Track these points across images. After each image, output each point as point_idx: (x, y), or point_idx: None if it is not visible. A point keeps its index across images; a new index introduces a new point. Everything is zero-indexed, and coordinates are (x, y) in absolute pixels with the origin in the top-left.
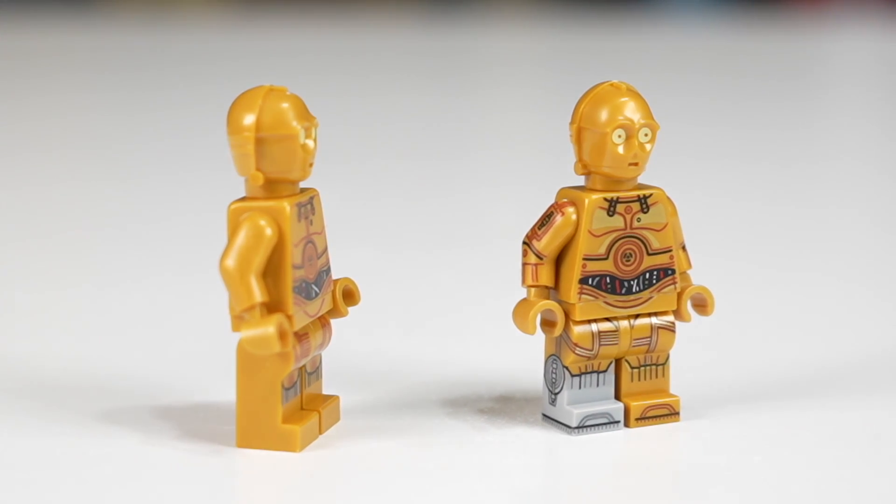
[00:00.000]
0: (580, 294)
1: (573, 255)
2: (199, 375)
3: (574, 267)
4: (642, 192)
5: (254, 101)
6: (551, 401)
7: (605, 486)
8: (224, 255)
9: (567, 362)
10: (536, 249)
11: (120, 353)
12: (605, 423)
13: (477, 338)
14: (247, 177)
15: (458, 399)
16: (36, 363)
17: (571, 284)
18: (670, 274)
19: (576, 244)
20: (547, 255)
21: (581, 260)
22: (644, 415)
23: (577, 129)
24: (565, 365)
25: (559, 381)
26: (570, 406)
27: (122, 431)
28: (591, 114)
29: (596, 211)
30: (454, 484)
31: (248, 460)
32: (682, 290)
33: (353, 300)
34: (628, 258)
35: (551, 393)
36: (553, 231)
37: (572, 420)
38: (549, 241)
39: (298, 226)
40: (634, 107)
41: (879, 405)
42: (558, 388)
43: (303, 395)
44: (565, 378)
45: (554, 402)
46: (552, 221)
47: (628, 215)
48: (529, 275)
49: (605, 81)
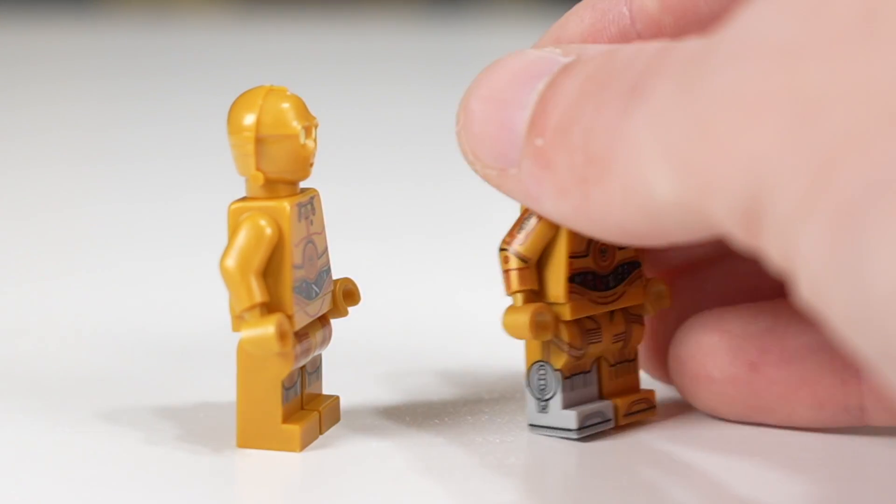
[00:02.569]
0: (570, 293)
1: (558, 255)
2: (199, 375)
3: (561, 266)
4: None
5: (254, 101)
6: (541, 409)
7: (606, 485)
8: (224, 255)
9: (560, 365)
10: (519, 253)
11: (120, 353)
12: (600, 423)
13: (477, 338)
14: (247, 177)
15: (458, 399)
16: (36, 363)
17: (561, 284)
18: (637, 267)
19: (560, 243)
20: (531, 258)
21: (567, 259)
22: (629, 410)
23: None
24: (558, 368)
25: (550, 387)
26: (566, 410)
27: (122, 431)
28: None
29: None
30: (454, 484)
31: (248, 460)
32: (646, 283)
33: (353, 300)
34: (604, 253)
35: (540, 401)
36: (535, 233)
37: (573, 422)
38: (532, 243)
39: (299, 226)
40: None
41: None
42: (549, 394)
43: (303, 395)
44: (558, 382)
45: (545, 409)
46: (531, 223)
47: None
48: (515, 280)
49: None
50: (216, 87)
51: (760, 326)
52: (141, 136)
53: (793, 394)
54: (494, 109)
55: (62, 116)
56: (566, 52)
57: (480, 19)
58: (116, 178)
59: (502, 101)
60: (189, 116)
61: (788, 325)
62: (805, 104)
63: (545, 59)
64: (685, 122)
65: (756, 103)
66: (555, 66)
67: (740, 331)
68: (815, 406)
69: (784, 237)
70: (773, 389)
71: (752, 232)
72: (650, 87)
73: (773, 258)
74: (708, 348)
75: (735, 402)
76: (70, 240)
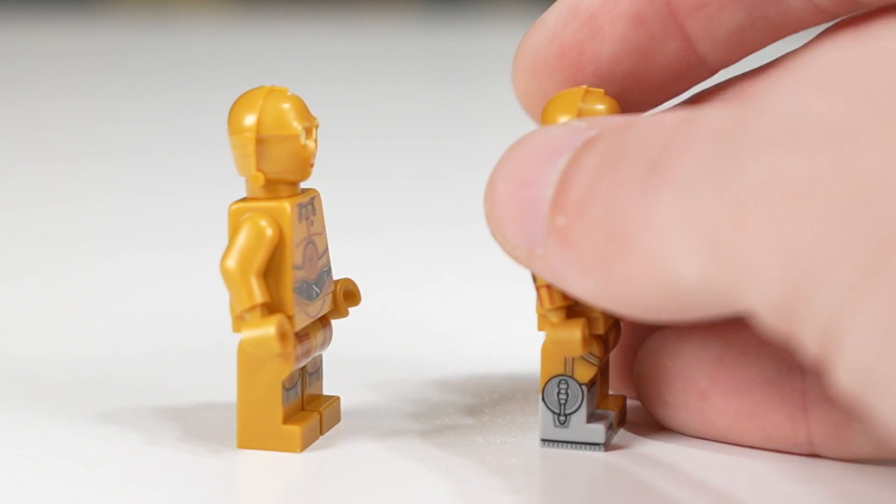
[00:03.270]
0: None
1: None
2: (200, 375)
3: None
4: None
5: (255, 101)
6: (561, 423)
7: (606, 485)
8: (225, 256)
9: (587, 379)
10: None
11: (120, 353)
12: (611, 430)
13: (477, 338)
14: (248, 177)
15: (459, 400)
16: (36, 363)
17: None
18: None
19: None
20: None
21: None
22: (621, 416)
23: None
24: (583, 382)
25: (573, 401)
26: (592, 424)
27: (122, 431)
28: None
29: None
30: (454, 484)
31: (248, 460)
32: None
33: (353, 301)
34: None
35: (559, 415)
36: None
37: (601, 436)
38: None
39: (299, 226)
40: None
41: None
42: (573, 408)
43: (304, 396)
44: (581, 395)
45: (566, 424)
46: None
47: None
48: (558, 295)
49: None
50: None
51: (711, 353)
52: (141, 136)
53: (741, 425)
54: (518, 189)
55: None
56: (590, 125)
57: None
58: (116, 178)
59: (526, 181)
60: (189, 116)
61: (740, 356)
62: (856, 187)
63: (567, 134)
64: (718, 205)
65: (799, 189)
66: (577, 140)
67: (693, 357)
68: (764, 438)
69: (826, 327)
70: (722, 419)
71: (785, 318)
72: (674, 166)
73: (807, 345)
74: (662, 374)
75: (688, 426)
76: (70, 239)
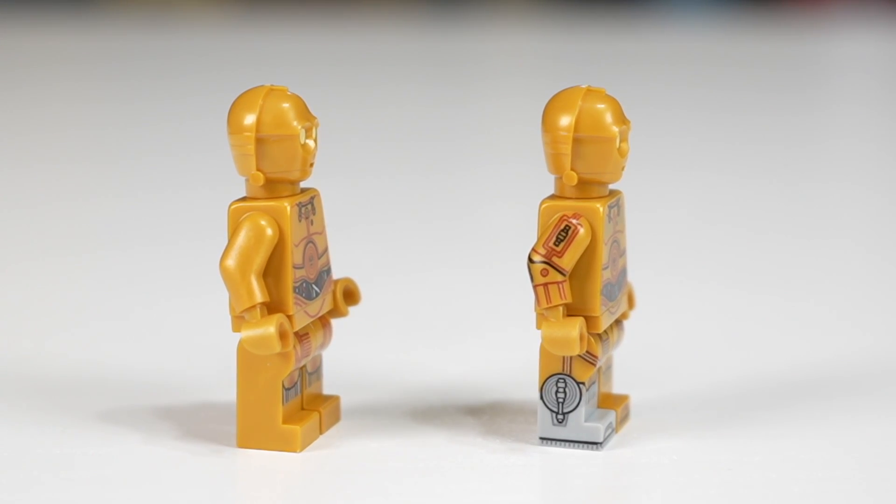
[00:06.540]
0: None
1: (594, 267)
2: (199, 375)
3: (596, 278)
4: (616, 195)
5: (254, 101)
6: (559, 422)
7: (607, 485)
8: (224, 255)
9: (585, 378)
10: (561, 267)
11: (121, 353)
12: (610, 430)
13: (477, 338)
14: (247, 177)
15: (458, 399)
16: (36, 363)
17: (596, 296)
18: (626, 273)
19: (595, 255)
20: (569, 271)
21: (601, 271)
22: (622, 416)
23: (574, 137)
24: (581, 381)
25: (571, 400)
26: (590, 423)
27: (122, 431)
28: (593, 121)
29: (605, 219)
30: (454, 484)
31: (248, 460)
32: None
33: (353, 300)
34: (615, 262)
35: (557, 414)
36: (575, 246)
37: (599, 436)
38: (571, 256)
39: (299, 226)
40: (620, 109)
41: None
42: (571, 407)
43: (303, 396)
44: (579, 395)
45: (564, 423)
46: (573, 236)
47: (614, 219)
48: (556, 293)
49: (574, 87)
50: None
51: None
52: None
53: None
54: None
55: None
56: None
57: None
58: (115, 178)
59: None
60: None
61: None
62: None
63: None
64: None
65: None
66: None
67: None
68: None
69: None
70: None
71: None
72: None
73: None
74: None
75: None
76: (70, 239)
